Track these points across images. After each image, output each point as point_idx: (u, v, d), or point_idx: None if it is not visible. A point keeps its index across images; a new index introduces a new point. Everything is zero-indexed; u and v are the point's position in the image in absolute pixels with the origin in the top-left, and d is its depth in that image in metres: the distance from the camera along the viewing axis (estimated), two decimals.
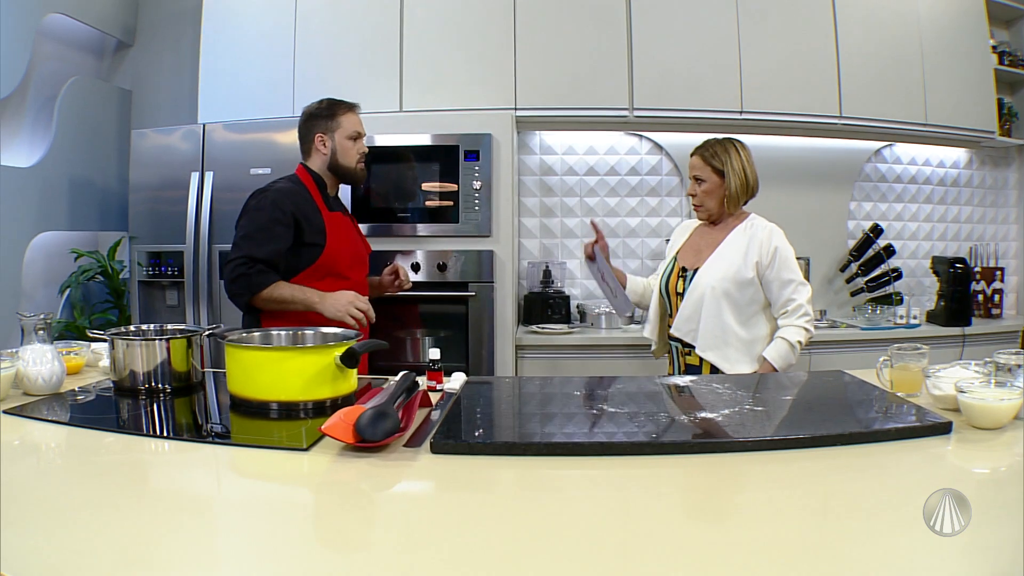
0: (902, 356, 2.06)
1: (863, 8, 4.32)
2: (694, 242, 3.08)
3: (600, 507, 1.40)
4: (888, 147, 4.81)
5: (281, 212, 2.74)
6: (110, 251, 4.64)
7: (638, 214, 4.71)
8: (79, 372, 2.48)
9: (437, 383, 2.23)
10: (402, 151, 3.99)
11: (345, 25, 4.33)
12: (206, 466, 1.62)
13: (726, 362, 2.84)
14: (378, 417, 1.60)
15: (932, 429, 1.72)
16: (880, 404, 1.97)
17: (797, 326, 2.82)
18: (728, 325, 2.84)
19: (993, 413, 1.71)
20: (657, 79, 4.23)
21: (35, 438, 1.78)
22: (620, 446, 1.62)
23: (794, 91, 4.26)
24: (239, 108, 4.38)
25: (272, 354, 1.96)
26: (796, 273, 2.86)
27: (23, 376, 2.12)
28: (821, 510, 1.37)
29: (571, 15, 4.23)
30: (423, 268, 3.92)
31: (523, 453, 1.60)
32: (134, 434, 1.80)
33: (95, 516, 1.28)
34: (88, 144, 4.85)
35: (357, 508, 1.40)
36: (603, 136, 4.69)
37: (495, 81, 4.23)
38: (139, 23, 5.33)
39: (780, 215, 4.62)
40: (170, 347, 2.16)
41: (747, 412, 1.88)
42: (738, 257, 2.86)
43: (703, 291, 2.87)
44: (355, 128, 2.99)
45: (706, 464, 1.56)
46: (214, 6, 4.52)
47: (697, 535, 1.26)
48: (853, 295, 4.72)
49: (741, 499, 1.46)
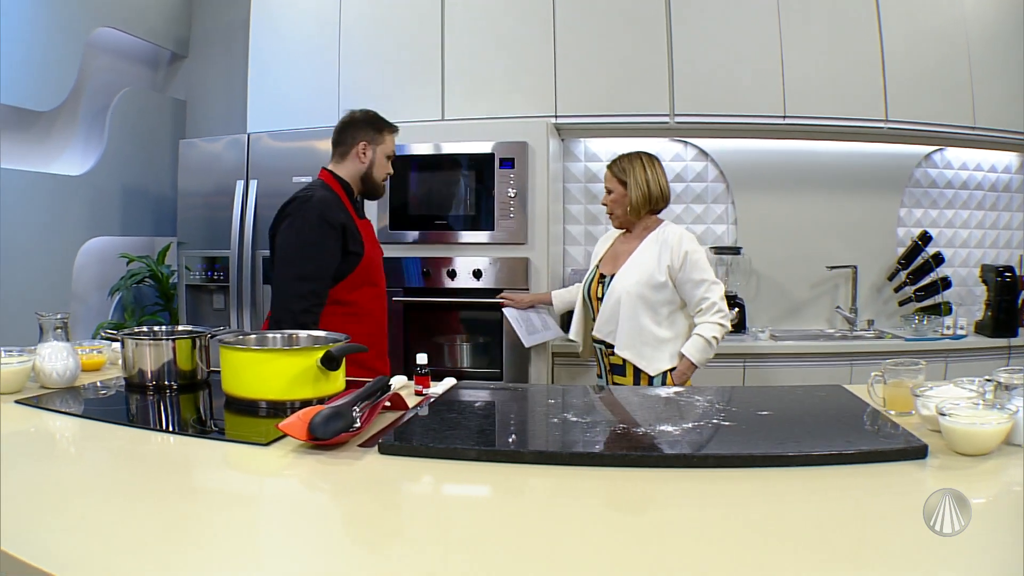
0: (896, 372, 1.94)
1: (907, 9, 4.21)
2: (614, 249, 3.28)
3: (494, 512, 1.44)
4: (938, 151, 4.68)
5: (330, 226, 2.74)
6: (159, 256, 4.78)
7: (683, 221, 4.66)
8: (100, 369, 2.64)
9: (424, 387, 2.29)
10: (440, 159, 4.03)
11: (388, 35, 4.40)
12: (170, 455, 1.75)
13: (643, 359, 3.05)
14: (332, 417, 1.68)
15: (903, 453, 1.57)
16: (860, 423, 1.86)
17: (712, 323, 3.01)
18: (644, 326, 3.05)
19: (973, 438, 1.56)
20: (698, 85, 4.19)
21: (45, 426, 1.97)
22: (533, 455, 1.63)
23: (838, 95, 4.18)
24: (285, 117, 4.48)
25: (256, 355, 2.06)
26: (707, 273, 3.05)
27: (39, 370, 2.29)
28: (721, 537, 1.27)
29: (611, 22, 4.22)
30: (459, 275, 3.95)
31: (462, 458, 1.62)
32: (125, 424, 1.94)
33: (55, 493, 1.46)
34: (141, 153, 5.01)
35: (274, 499, 1.52)
36: (647, 143, 4.63)
37: (535, 89, 4.24)
38: (192, 35, 5.49)
39: (826, 222, 4.65)
40: (176, 347, 2.28)
41: (710, 426, 1.82)
42: (651, 262, 3.06)
43: (619, 295, 3.07)
44: (392, 149, 3.07)
45: (622, 478, 1.53)
46: (261, 19, 4.63)
47: (592, 550, 1.23)
48: (901, 304, 4.61)
49: (649, 516, 1.42)
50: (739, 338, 4.20)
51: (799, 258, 4.62)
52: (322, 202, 2.78)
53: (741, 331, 4.33)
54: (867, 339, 4.27)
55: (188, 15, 5.47)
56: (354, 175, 2.99)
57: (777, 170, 4.60)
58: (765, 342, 4.14)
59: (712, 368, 3.94)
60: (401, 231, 4.04)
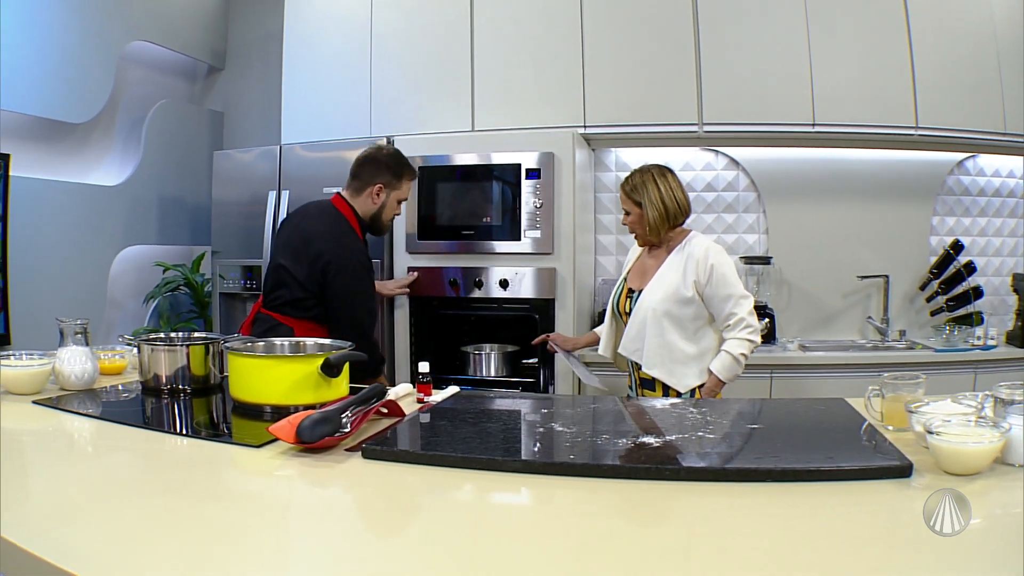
0: (895, 386, 1.88)
1: (936, 15, 4.15)
2: (641, 263, 3.23)
3: (451, 515, 1.49)
4: (971, 158, 4.61)
5: (371, 279, 3.14)
6: (194, 264, 4.88)
7: (714, 231, 4.65)
8: (121, 373, 2.75)
9: (425, 395, 2.34)
10: (469, 169, 4.07)
11: (418, 48, 4.46)
12: (168, 454, 1.84)
13: (672, 377, 3.00)
14: (319, 422, 1.76)
15: (885, 471, 1.52)
16: (851, 439, 1.81)
17: (740, 339, 2.95)
18: (672, 343, 3.00)
19: (960, 458, 1.50)
20: (726, 93, 4.18)
21: (62, 426, 2.08)
22: (509, 463, 1.65)
23: (868, 102, 4.13)
24: (318, 129, 4.56)
25: (259, 361, 2.15)
26: (735, 287, 2.97)
27: (59, 372, 2.42)
28: (674, 552, 1.26)
29: (638, 32, 4.23)
30: (486, 284, 3.98)
31: (440, 464, 1.67)
32: (130, 424, 2.05)
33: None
34: (177, 163, 5.11)
35: (254, 496, 1.61)
36: (679, 152, 4.65)
37: (564, 99, 4.26)
38: (229, 48, 5.59)
39: (858, 231, 4.60)
40: (190, 353, 2.37)
41: (693, 439, 1.81)
42: (676, 277, 3.00)
43: (645, 313, 3.02)
44: (407, 195, 3.23)
45: (593, 487, 1.55)
46: (294, 32, 4.72)
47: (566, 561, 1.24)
48: (933, 314, 4.55)
49: (609, 525, 1.42)
50: (768, 348, 4.18)
51: (831, 267, 4.57)
52: (365, 256, 3.12)
53: (771, 341, 4.30)
54: (897, 350, 4.23)
55: (225, 28, 5.57)
56: (365, 212, 3.19)
57: (809, 179, 4.57)
58: (793, 352, 4.11)
59: (739, 378, 3.94)
60: (429, 241, 4.09)
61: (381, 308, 4.13)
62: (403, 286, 4.02)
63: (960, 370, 3.96)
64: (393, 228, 4.10)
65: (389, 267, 4.19)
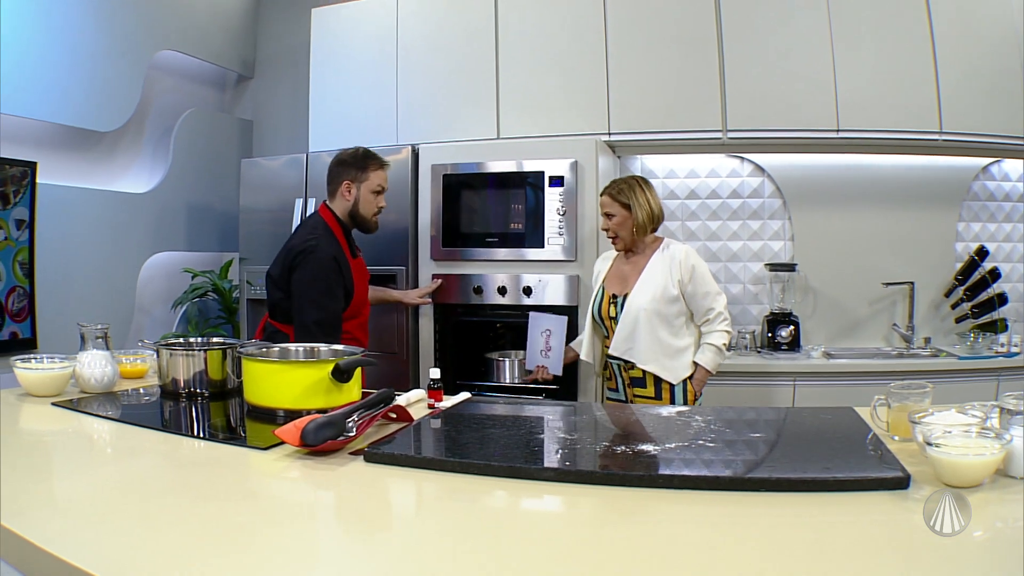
0: (902, 395, 1.85)
1: (959, 19, 4.13)
2: (617, 270, 3.47)
3: (438, 519, 1.53)
4: (996, 164, 4.57)
5: (339, 275, 3.09)
6: (222, 270, 4.94)
7: (740, 238, 4.66)
8: (142, 377, 2.82)
9: (436, 401, 2.39)
10: (493, 177, 4.10)
11: (444, 56, 4.51)
12: (177, 456, 1.89)
13: (666, 371, 3.28)
14: (324, 426, 1.80)
15: (882, 483, 1.50)
16: (852, 449, 1.79)
17: (719, 331, 3.29)
18: (663, 339, 3.28)
19: (959, 470, 1.47)
20: (750, 100, 4.18)
21: (81, 427, 2.16)
22: (504, 469, 1.67)
23: (892, 108, 4.12)
24: (345, 137, 4.58)
25: (272, 366, 2.19)
26: (712, 285, 3.31)
27: (79, 376, 2.50)
28: (652, 560, 1.24)
29: (662, 39, 4.24)
30: (509, 292, 4.01)
31: (438, 468, 1.71)
32: (141, 426, 2.12)
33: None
34: (206, 171, 5.19)
35: (254, 495, 1.65)
36: (704, 159, 4.66)
37: (588, 107, 4.29)
38: (258, 56, 5.66)
39: (883, 237, 4.59)
40: (207, 358, 2.43)
41: (692, 447, 1.81)
42: (662, 278, 3.28)
43: (636, 313, 3.28)
44: (380, 183, 3.26)
45: (587, 493, 1.55)
46: (322, 41, 4.79)
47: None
48: (958, 321, 4.52)
49: (605, 531, 1.43)
50: (791, 356, 4.18)
51: (856, 274, 4.56)
52: (333, 260, 3.08)
53: (795, 349, 4.30)
54: (922, 357, 4.20)
55: (254, 37, 5.65)
56: (343, 212, 3.25)
57: (834, 185, 4.56)
58: (817, 360, 4.11)
59: (761, 386, 3.96)
60: (453, 248, 4.13)
61: (405, 317, 4.18)
62: (426, 294, 4.05)
63: (983, 377, 3.93)
64: (418, 236, 4.15)
65: (413, 276, 4.22)
